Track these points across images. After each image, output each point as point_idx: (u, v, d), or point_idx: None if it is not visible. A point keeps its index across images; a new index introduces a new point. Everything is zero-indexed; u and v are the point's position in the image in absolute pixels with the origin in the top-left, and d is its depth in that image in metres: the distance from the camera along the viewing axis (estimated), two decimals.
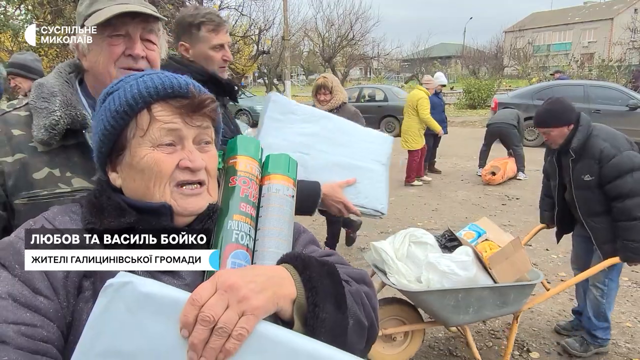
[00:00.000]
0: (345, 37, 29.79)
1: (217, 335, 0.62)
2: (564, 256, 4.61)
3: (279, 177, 0.92)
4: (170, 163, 0.80)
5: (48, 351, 0.68)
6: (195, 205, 0.82)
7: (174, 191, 0.81)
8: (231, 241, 0.82)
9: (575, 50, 35.28)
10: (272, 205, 0.89)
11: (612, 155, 2.68)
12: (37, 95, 1.08)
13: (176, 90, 0.80)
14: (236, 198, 0.86)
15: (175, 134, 0.80)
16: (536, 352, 3.05)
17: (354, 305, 0.79)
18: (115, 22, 1.06)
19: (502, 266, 2.57)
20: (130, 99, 0.79)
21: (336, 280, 0.78)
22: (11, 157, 1.05)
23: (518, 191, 7.18)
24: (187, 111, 0.81)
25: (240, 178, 0.88)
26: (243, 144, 0.92)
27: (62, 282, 0.73)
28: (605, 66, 20.17)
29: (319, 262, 0.79)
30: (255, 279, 0.67)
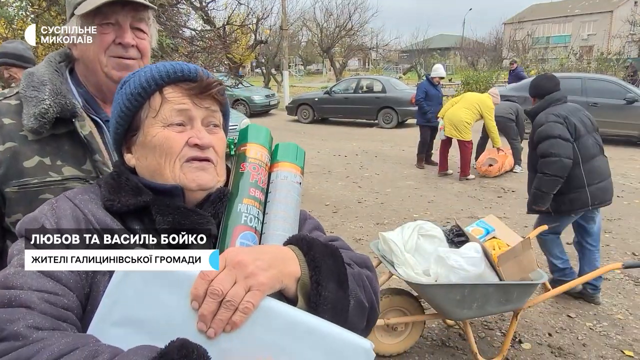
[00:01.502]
0: (344, 27, 29.63)
1: (225, 308, 0.67)
2: None
3: (287, 165, 0.96)
4: (180, 140, 0.84)
5: (69, 318, 0.72)
6: (203, 178, 0.85)
7: (183, 166, 0.85)
8: (240, 223, 0.86)
9: (575, 42, 35.16)
10: (280, 191, 0.93)
11: (541, 124, 3.42)
12: (27, 84, 1.08)
13: (186, 74, 0.86)
14: (246, 183, 0.90)
15: (185, 114, 0.85)
16: (528, 343, 3.09)
17: (356, 286, 0.83)
18: (105, 10, 1.06)
19: (508, 264, 2.60)
20: (144, 82, 0.85)
21: (339, 261, 0.82)
22: (2, 145, 1.05)
23: (514, 184, 7.20)
24: (196, 93, 0.86)
25: (250, 164, 0.92)
26: (254, 132, 0.97)
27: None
28: (603, 59, 20.14)
29: (323, 243, 0.83)
30: (262, 257, 0.72)
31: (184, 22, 5.96)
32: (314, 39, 33.88)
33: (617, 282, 3.94)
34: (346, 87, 15.01)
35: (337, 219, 5.59)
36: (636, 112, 10.04)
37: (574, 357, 2.94)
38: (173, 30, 5.10)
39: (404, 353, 2.93)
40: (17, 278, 0.72)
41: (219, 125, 0.91)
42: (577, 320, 3.37)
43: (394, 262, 2.68)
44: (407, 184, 7.28)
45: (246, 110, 15.87)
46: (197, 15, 8.25)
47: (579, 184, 3.37)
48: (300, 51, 41.10)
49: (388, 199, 6.42)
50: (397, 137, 11.89)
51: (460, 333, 3.15)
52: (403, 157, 9.24)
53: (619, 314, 3.44)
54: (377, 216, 5.70)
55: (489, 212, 5.57)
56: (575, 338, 3.15)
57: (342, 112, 14.69)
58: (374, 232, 5.04)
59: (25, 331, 0.65)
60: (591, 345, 3.06)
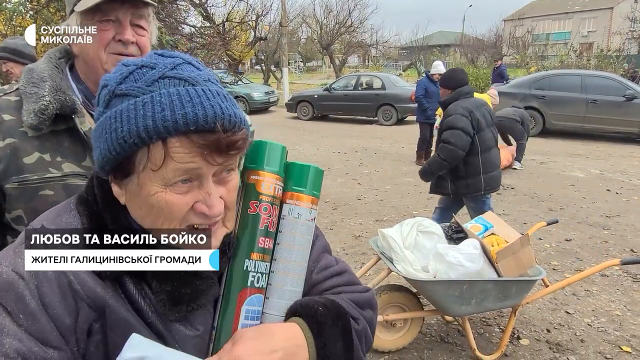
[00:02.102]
0: (344, 24, 29.61)
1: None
2: (557, 245, 4.66)
3: (301, 197, 0.82)
4: (184, 205, 0.68)
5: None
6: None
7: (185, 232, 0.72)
8: (247, 285, 0.76)
9: (575, 39, 35.12)
10: (292, 234, 0.81)
11: (450, 114, 3.72)
12: (27, 81, 1.08)
13: (201, 125, 0.63)
14: (255, 231, 0.77)
15: (193, 172, 0.67)
16: (526, 339, 3.10)
17: (359, 349, 0.81)
18: (104, 7, 1.06)
19: (507, 261, 2.61)
20: (142, 130, 0.63)
21: (348, 339, 0.79)
22: (1, 141, 1.05)
23: (513, 181, 7.20)
24: (211, 151, 0.65)
25: (262, 204, 0.78)
26: (270, 154, 0.80)
27: (71, 329, 0.68)
28: (603, 56, 20.12)
29: (334, 316, 0.79)
30: (270, 357, 0.69)
31: (184, 19, 5.95)
32: (313, 36, 33.86)
33: (616, 278, 3.95)
34: (346, 84, 15.01)
35: (337, 216, 5.59)
36: (635, 108, 10.05)
37: (572, 353, 2.95)
38: (172, 27, 5.09)
39: (403, 349, 2.94)
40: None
41: (234, 169, 0.73)
42: (575, 316, 3.38)
43: (393, 259, 2.69)
44: (407, 180, 7.28)
45: (245, 107, 15.85)
46: (197, 12, 8.25)
47: (476, 172, 3.74)
48: (299, 48, 41.03)
49: (387, 196, 6.43)
50: (397, 134, 11.89)
51: (459, 329, 3.17)
52: (402, 154, 9.24)
53: (617, 310, 3.46)
54: (377, 213, 5.71)
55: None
56: (573, 334, 3.16)
57: (342, 109, 14.68)
58: (373, 228, 5.05)
59: None
60: (589, 341, 3.07)
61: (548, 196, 6.38)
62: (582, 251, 4.53)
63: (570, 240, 4.79)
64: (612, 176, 7.48)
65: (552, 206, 5.95)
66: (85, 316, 0.68)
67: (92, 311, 0.69)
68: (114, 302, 0.69)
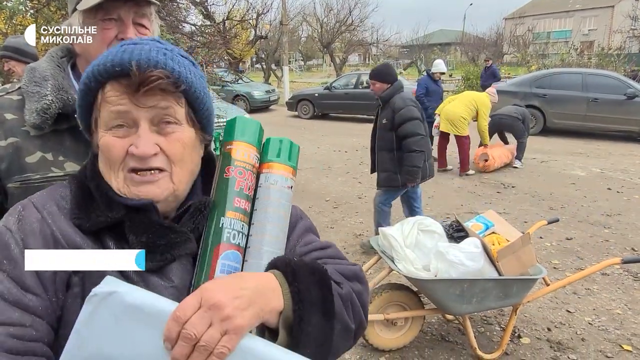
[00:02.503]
0: (344, 23, 29.58)
1: (199, 352, 0.62)
2: (557, 244, 4.66)
3: (277, 167, 0.87)
4: (120, 148, 0.76)
5: (37, 350, 0.69)
6: (147, 192, 0.77)
7: (126, 177, 0.77)
8: (222, 241, 0.79)
9: (575, 37, 35.08)
10: (269, 199, 0.85)
11: (400, 107, 3.93)
12: (29, 80, 1.08)
13: (119, 67, 0.73)
14: (231, 192, 0.82)
15: (126, 116, 0.75)
16: (527, 337, 3.10)
17: (342, 310, 0.79)
18: (106, 5, 1.06)
19: (508, 259, 2.61)
20: (85, 77, 0.77)
21: (325, 289, 0.76)
22: (4, 141, 1.05)
23: (514, 179, 7.20)
24: (133, 90, 0.73)
25: (236, 168, 0.83)
26: (241, 127, 0.87)
27: (51, 278, 0.73)
28: (604, 54, 20.09)
29: (310, 268, 0.77)
30: (241, 294, 0.66)
31: (184, 17, 5.94)
32: (314, 34, 33.84)
33: (616, 277, 3.95)
34: (346, 83, 14.99)
35: (338, 215, 5.60)
36: (636, 107, 10.04)
37: (573, 352, 2.95)
38: (173, 26, 5.09)
39: (404, 347, 2.94)
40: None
41: (176, 122, 0.78)
42: (576, 315, 3.38)
43: (393, 258, 2.70)
44: None
45: (246, 106, 15.84)
46: (197, 10, 8.24)
47: (424, 159, 4.03)
48: (300, 46, 41.01)
49: None
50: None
51: (460, 328, 3.17)
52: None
53: (617, 308, 3.46)
54: None
55: (488, 207, 5.58)
56: (574, 333, 3.16)
57: (342, 107, 14.67)
58: (374, 227, 5.04)
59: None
60: (590, 340, 3.07)
61: (549, 195, 6.38)
62: (582, 250, 4.53)
63: (571, 239, 4.79)
64: (612, 175, 7.48)
65: (552, 205, 5.95)
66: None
67: None
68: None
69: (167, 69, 0.75)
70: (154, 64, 0.74)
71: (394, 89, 4.09)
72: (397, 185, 4.14)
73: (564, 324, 3.27)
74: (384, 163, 4.18)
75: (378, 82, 4.16)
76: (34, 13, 4.56)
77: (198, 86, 0.82)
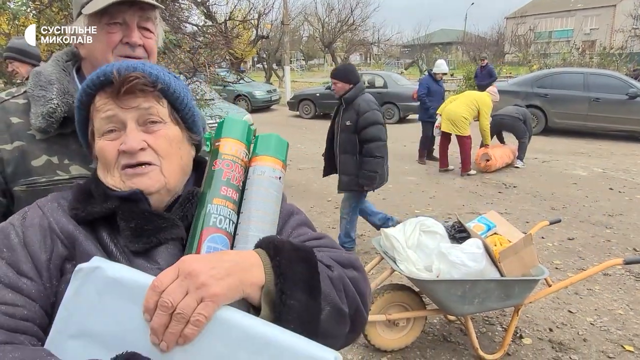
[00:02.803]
0: (346, 22, 29.56)
1: (176, 320, 0.63)
2: (559, 244, 4.66)
3: (265, 159, 0.91)
4: (112, 149, 0.83)
5: (28, 329, 0.72)
6: (141, 184, 0.83)
7: (121, 174, 0.84)
8: (209, 225, 0.82)
9: (577, 37, 35.03)
10: (257, 188, 0.88)
11: (365, 111, 3.89)
12: (35, 84, 1.08)
13: (103, 77, 0.83)
14: (217, 181, 0.86)
15: (115, 120, 0.84)
16: (529, 338, 3.10)
17: (333, 292, 0.77)
18: (112, 10, 1.06)
19: (510, 260, 2.62)
20: (78, 94, 0.88)
21: (311, 265, 0.76)
22: (10, 144, 1.06)
23: (515, 179, 7.20)
24: (116, 95, 0.83)
25: (224, 161, 0.87)
26: (228, 126, 0.92)
27: (46, 265, 0.77)
28: (606, 54, 20.06)
29: (294, 247, 0.78)
30: (218, 265, 0.68)
31: (186, 18, 5.95)
32: (315, 34, 33.83)
33: (618, 277, 3.95)
34: None
35: (339, 215, 5.59)
36: (638, 107, 10.04)
37: (575, 352, 2.96)
38: (175, 26, 5.10)
39: (406, 348, 2.95)
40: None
41: (160, 121, 0.86)
42: (578, 315, 3.39)
43: (395, 258, 2.70)
44: (409, 179, 7.28)
45: (247, 106, 15.85)
46: (199, 11, 8.25)
47: (383, 165, 4.04)
48: (301, 46, 41.00)
49: (390, 195, 6.43)
50: (399, 132, 11.87)
51: (462, 328, 3.18)
52: (405, 152, 9.24)
53: (619, 309, 3.46)
54: None
55: (490, 207, 5.59)
56: (576, 333, 3.16)
57: None
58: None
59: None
60: (592, 341, 3.07)
61: (550, 195, 6.38)
62: (584, 250, 4.53)
63: (572, 239, 4.79)
64: (614, 175, 7.47)
65: (554, 205, 5.95)
66: (59, 252, 0.79)
67: (64, 248, 0.79)
68: (83, 239, 0.80)
69: (145, 72, 0.85)
70: (132, 69, 0.84)
71: (357, 90, 4.02)
72: (355, 188, 4.12)
73: (566, 324, 3.27)
74: (347, 166, 4.10)
75: (340, 82, 4.05)
76: (37, 14, 4.57)
77: (177, 87, 0.90)
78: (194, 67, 5.24)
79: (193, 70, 5.24)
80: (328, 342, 0.70)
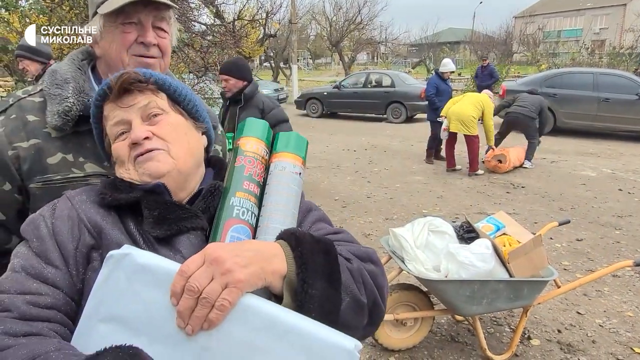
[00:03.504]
0: (353, 21, 29.52)
1: (202, 305, 0.66)
2: (568, 245, 4.64)
3: (285, 155, 0.94)
4: (124, 146, 0.89)
5: (51, 317, 0.75)
6: (151, 167, 0.87)
7: (135, 166, 0.88)
8: (232, 216, 0.85)
9: (586, 36, 34.73)
10: (277, 183, 0.91)
11: (271, 108, 3.73)
12: (51, 82, 1.10)
13: (107, 86, 0.90)
14: (240, 176, 0.89)
15: (121, 122, 0.90)
16: (537, 339, 3.09)
17: (352, 283, 0.79)
18: (127, 9, 1.07)
19: (519, 261, 2.61)
20: (92, 109, 0.95)
21: (331, 257, 0.78)
22: (26, 142, 1.07)
23: (524, 179, 7.16)
24: (116, 99, 0.90)
25: (245, 158, 0.91)
26: (249, 126, 0.96)
27: (73, 253, 0.81)
28: (616, 54, 19.87)
29: (315, 238, 0.80)
30: (242, 254, 0.70)
31: (195, 17, 5.98)
32: (323, 33, 33.81)
33: (627, 279, 3.92)
34: (355, 82, 14.97)
35: (347, 214, 5.60)
36: None
37: (583, 354, 2.94)
38: (185, 25, 5.12)
39: (413, 348, 2.95)
40: (7, 282, 0.76)
41: (161, 113, 0.92)
42: (587, 317, 3.37)
43: (404, 258, 2.70)
44: (416, 179, 7.27)
45: None
46: (209, 10, 8.28)
47: None
48: (309, 45, 40.99)
49: (397, 194, 6.42)
50: (406, 132, 11.86)
51: (470, 328, 3.17)
52: (412, 152, 9.22)
53: (629, 311, 3.44)
54: (386, 211, 5.70)
55: (498, 207, 5.56)
56: (584, 335, 3.15)
57: (351, 106, 14.66)
58: (383, 227, 5.05)
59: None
60: (601, 342, 3.06)
61: (559, 195, 6.34)
62: (593, 251, 4.50)
63: (581, 240, 4.76)
64: (624, 175, 7.41)
65: (562, 205, 5.92)
66: (85, 242, 0.82)
67: (91, 237, 0.82)
68: (109, 228, 0.83)
69: (138, 72, 0.91)
70: (126, 74, 0.90)
71: (254, 86, 3.78)
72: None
73: (575, 325, 3.26)
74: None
75: (233, 79, 3.70)
76: (48, 12, 4.60)
77: (172, 82, 0.95)
78: (205, 66, 5.25)
79: (204, 70, 5.26)
80: (347, 333, 0.71)
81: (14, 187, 1.07)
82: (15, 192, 1.08)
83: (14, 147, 1.06)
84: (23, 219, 1.10)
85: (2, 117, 1.09)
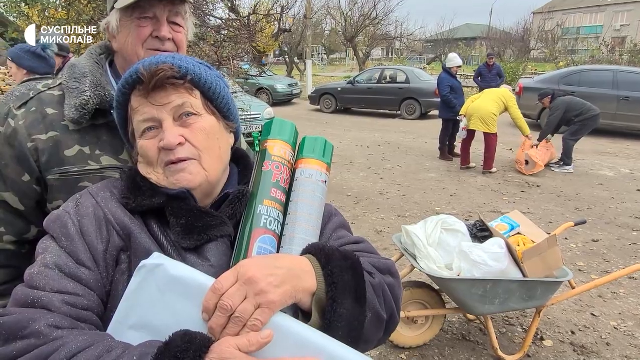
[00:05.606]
0: (369, 17, 29.28)
1: (234, 323, 0.66)
2: (583, 246, 4.57)
3: (312, 162, 0.93)
4: (153, 147, 0.85)
5: (88, 318, 0.75)
6: (183, 179, 0.84)
7: (165, 171, 0.85)
8: (259, 226, 0.84)
9: (607, 33, 34.06)
10: (304, 191, 0.90)
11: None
12: (70, 76, 1.11)
13: (136, 75, 0.84)
14: (268, 183, 0.88)
15: (151, 119, 0.85)
16: (550, 340, 3.06)
17: (374, 299, 0.80)
18: (143, 4, 1.08)
19: (533, 261, 2.58)
20: (116, 95, 0.90)
21: (358, 274, 0.79)
22: (45, 134, 1.09)
23: (539, 179, 7.07)
24: (147, 94, 0.84)
25: (274, 163, 0.90)
26: (278, 127, 0.94)
27: (102, 255, 0.80)
28: (637, 51, 19.47)
29: (343, 254, 0.80)
30: (275, 272, 0.70)
31: (210, 11, 6.00)
32: (337, 28, 33.63)
33: None
34: (370, 77, 14.90)
35: (359, 210, 5.59)
36: None
37: (597, 356, 2.90)
38: (200, 19, 5.14)
39: (424, 346, 2.94)
40: (41, 279, 0.75)
41: (196, 114, 0.87)
42: (601, 319, 3.32)
43: (416, 256, 2.69)
44: (430, 176, 7.23)
45: (269, 99, 15.91)
46: (224, 4, 8.30)
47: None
48: (323, 40, 40.84)
49: (410, 191, 6.39)
50: (420, 128, 11.78)
51: (481, 328, 3.15)
52: (426, 149, 9.17)
53: None
54: (399, 208, 5.68)
55: (512, 206, 5.51)
56: (599, 337, 3.11)
57: (365, 102, 14.61)
58: (395, 224, 5.04)
59: (46, 330, 0.68)
60: (615, 345, 3.01)
61: (575, 195, 6.25)
62: (609, 252, 4.43)
63: (597, 241, 4.69)
64: None
65: (579, 205, 5.83)
66: (115, 244, 0.81)
67: (120, 239, 0.81)
68: (138, 232, 0.81)
69: (174, 64, 0.85)
70: (161, 63, 0.85)
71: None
72: None
73: (589, 327, 3.22)
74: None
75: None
76: (67, 6, 4.66)
77: (208, 77, 0.90)
78: (219, 61, 5.28)
79: (217, 64, 5.29)
80: (365, 346, 0.73)
81: (33, 179, 1.09)
82: (34, 183, 1.10)
83: (33, 139, 1.08)
84: (41, 210, 1.12)
85: (23, 109, 1.11)
